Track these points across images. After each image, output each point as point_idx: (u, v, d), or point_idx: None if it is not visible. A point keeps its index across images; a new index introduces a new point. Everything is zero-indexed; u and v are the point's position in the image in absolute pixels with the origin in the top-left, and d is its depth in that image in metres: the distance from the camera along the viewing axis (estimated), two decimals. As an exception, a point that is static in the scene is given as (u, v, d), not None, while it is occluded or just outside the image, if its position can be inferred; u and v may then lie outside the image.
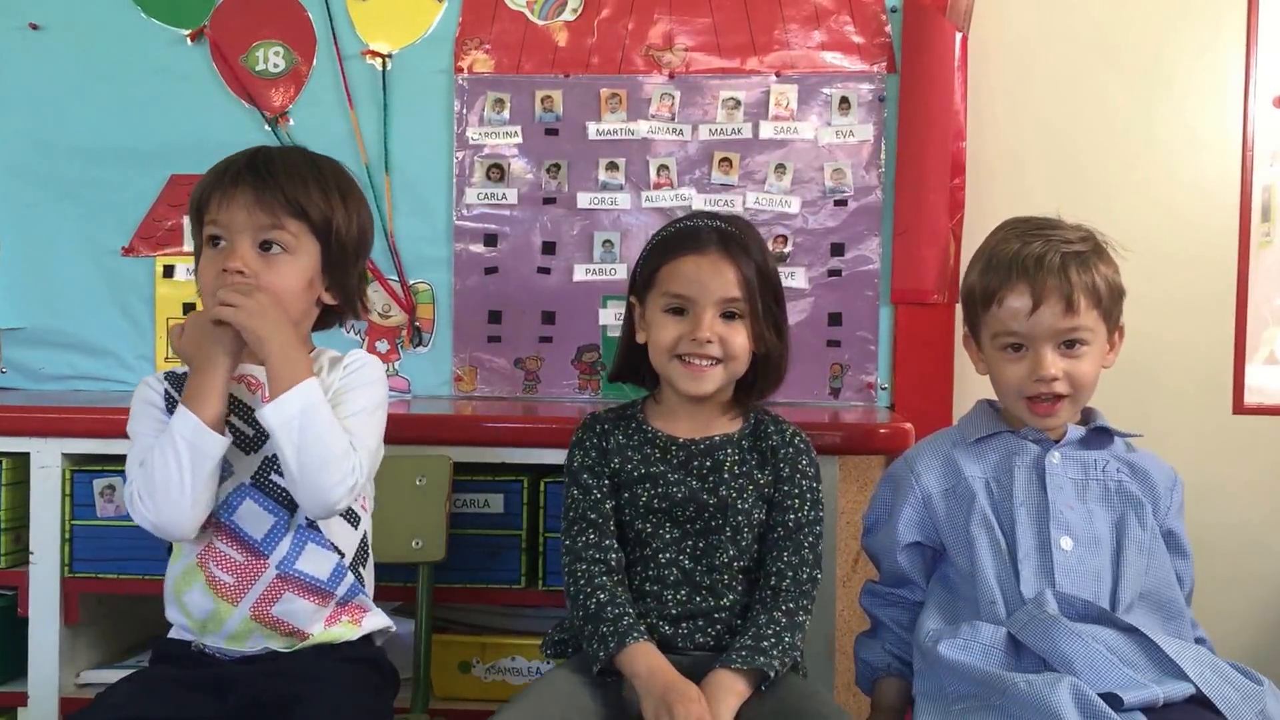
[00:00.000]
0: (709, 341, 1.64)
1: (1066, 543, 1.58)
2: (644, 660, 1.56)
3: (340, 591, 1.62)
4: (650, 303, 1.69)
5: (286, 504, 1.59)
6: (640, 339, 1.71)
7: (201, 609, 1.58)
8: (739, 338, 1.66)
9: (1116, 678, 1.45)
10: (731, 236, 1.67)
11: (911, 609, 1.70)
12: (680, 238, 1.69)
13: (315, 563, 1.60)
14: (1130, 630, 1.52)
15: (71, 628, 2.06)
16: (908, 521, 1.68)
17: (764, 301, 1.67)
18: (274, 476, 1.59)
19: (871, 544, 1.75)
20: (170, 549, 1.65)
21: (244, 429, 1.59)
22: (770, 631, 1.60)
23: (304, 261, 1.59)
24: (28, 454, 2.05)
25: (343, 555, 1.63)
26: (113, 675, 2.05)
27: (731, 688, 1.54)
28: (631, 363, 1.76)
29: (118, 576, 2.05)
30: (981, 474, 1.66)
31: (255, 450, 1.59)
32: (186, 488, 1.51)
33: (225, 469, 1.56)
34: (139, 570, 2.04)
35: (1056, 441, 1.65)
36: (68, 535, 2.04)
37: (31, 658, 2.05)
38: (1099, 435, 1.67)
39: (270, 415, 1.50)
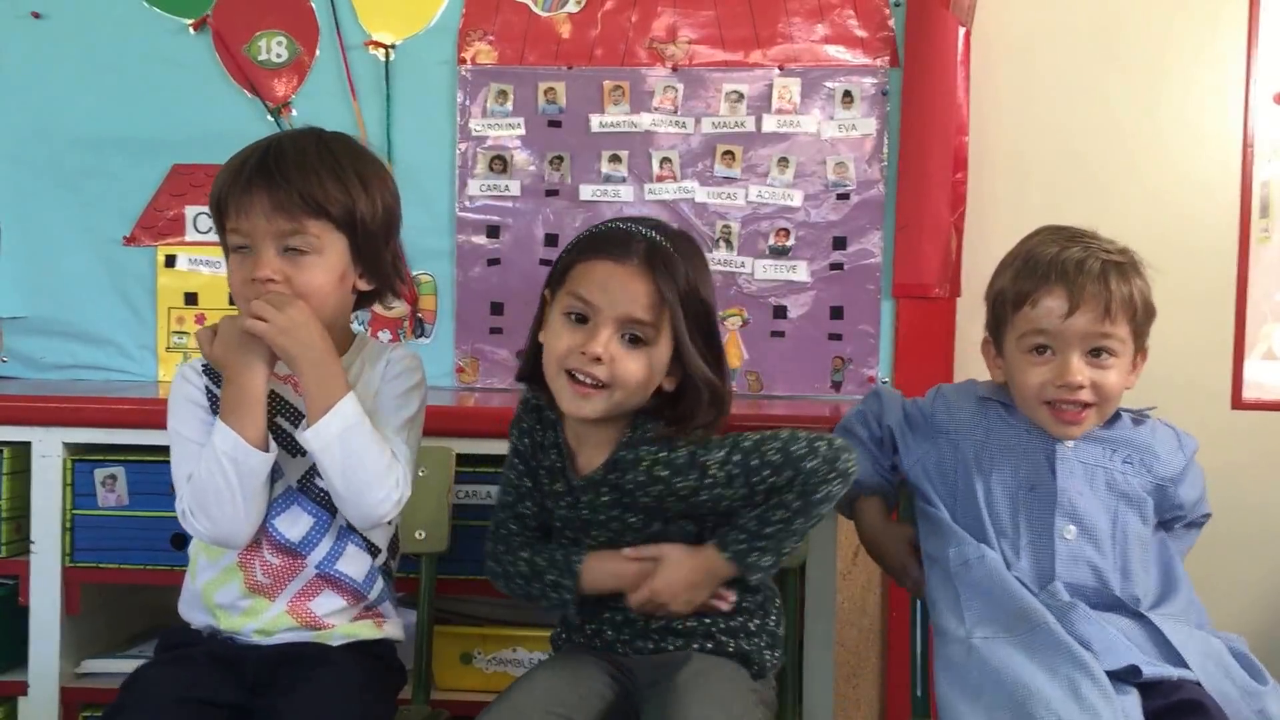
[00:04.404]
0: (597, 360, 1.47)
1: (1070, 531, 1.59)
2: (599, 568, 1.56)
3: (371, 595, 1.63)
4: (556, 301, 1.53)
5: (328, 507, 1.58)
6: (542, 338, 1.55)
7: (236, 607, 1.58)
8: (632, 365, 1.48)
9: (1132, 658, 1.47)
10: (660, 251, 1.50)
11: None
12: (604, 238, 1.53)
13: (353, 564, 1.60)
14: (1139, 617, 1.53)
15: (72, 617, 2.06)
16: (923, 455, 1.70)
17: (687, 330, 1.49)
18: (318, 480, 1.57)
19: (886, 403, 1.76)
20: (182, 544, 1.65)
21: (290, 430, 1.57)
22: (776, 517, 1.51)
23: (332, 259, 1.54)
24: (29, 443, 2.05)
25: (376, 555, 1.63)
26: (113, 665, 2.07)
27: (717, 573, 1.53)
28: (537, 362, 1.57)
29: (118, 566, 2.04)
30: (989, 447, 1.66)
31: (303, 453, 1.56)
32: (239, 504, 1.50)
33: (275, 471, 1.54)
34: (140, 560, 2.03)
35: None
36: (68, 525, 2.04)
37: (32, 647, 2.05)
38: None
39: (311, 440, 1.49)
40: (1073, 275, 1.57)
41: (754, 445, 1.51)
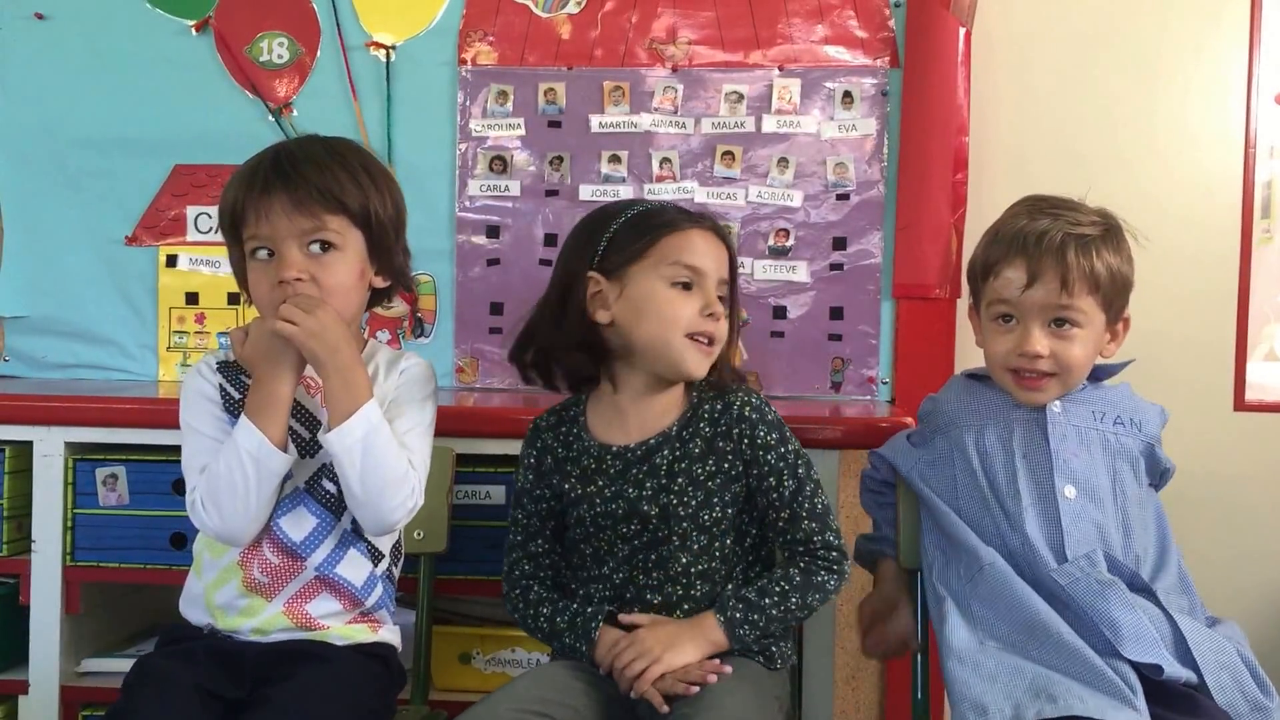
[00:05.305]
0: (715, 319, 1.58)
1: (1070, 491, 1.59)
2: (608, 646, 1.57)
3: (369, 601, 1.63)
4: (638, 276, 1.57)
5: (333, 509, 1.59)
6: (603, 317, 1.59)
7: (233, 606, 1.59)
8: (727, 325, 1.61)
9: (1158, 657, 1.46)
10: (717, 223, 1.66)
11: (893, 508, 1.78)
12: (679, 213, 1.63)
13: (353, 569, 1.61)
14: (1159, 604, 1.53)
15: (72, 617, 2.06)
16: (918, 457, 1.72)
17: (733, 292, 1.65)
18: (325, 483, 1.58)
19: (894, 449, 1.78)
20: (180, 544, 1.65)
21: (301, 432, 1.59)
22: (777, 590, 1.57)
23: (352, 255, 1.57)
24: (30, 442, 2.06)
25: (378, 561, 1.64)
26: (113, 664, 2.08)
27: (706, 634, 1.54)
28: (568, 344, 1.62)
29: (119, 566, 2.05)
30: (977, 421, 1.68)
31: (312, 455, 1.58)
32: (252, 501, 1.51)
33: (286, 472, 1.55)
34: (140, 560, 2.04)
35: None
36: (69, 524, 2.05)
37: (32, 646, 2.06)
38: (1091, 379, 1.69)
39: (334, 442, 1.50)
40: (1032, 248, 1.58)
41: (818, 486, 1.63)
